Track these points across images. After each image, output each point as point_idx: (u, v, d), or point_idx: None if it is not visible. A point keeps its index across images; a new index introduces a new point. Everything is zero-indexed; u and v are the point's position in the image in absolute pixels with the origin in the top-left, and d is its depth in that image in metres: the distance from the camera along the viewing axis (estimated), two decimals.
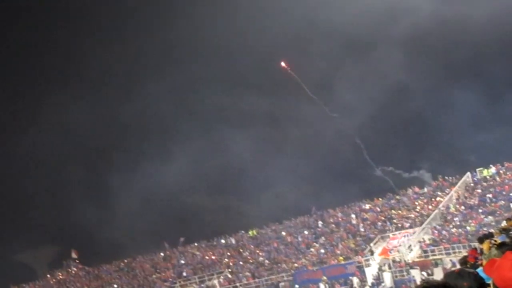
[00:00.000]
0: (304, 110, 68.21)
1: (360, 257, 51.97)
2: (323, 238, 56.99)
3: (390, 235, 53.31)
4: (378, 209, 57.15)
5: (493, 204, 50.58)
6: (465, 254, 17.23)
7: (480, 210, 50.48)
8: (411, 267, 48.19)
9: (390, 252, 50.71)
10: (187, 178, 68.16)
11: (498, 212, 48.80)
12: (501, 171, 53.95)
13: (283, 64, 64.22)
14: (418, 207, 54.99)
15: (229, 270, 58.21)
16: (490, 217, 48.67)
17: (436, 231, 50.40)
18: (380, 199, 58.26)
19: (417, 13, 61.10)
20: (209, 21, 70.04)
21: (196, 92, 72.69)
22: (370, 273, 50.22)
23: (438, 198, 54.64)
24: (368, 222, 56.24)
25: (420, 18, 61.03)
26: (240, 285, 55.76)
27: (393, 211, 55.99)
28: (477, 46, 60.96)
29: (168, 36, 71.30)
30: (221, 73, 70.99)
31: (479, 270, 5.23)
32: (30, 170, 72.95)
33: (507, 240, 10.94)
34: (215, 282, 57.31)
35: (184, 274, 60.30)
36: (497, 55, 62.64)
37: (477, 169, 55.03)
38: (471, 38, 59.65)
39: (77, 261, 67.77)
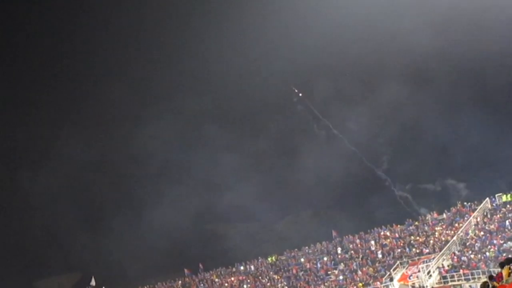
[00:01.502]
0: (322, 138, 68.86)
1: (379, 283, 52.05)
2: (342, 264, 57.13)
3: (409, 261, 53.42)
4: (397, 235, 57.25)
5: None
6: (484, 280, 17.60)
7: (499, 236, 50.52)
8: None
9: (410, 278, 50.72)
10: (207, 206, 68.80)
11: None
12: None
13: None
14: (437, 233, 55.06)
15: None
16: (510, 243, 48.67)
17: (455, 257, 50.42)
18: (399, 225, 58.33)
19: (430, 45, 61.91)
20: (216, 59, 70.85)
21: (212, 126, 73.48)
22: None
23: (457, 224, 54.72)
24: (387, 248, 56.34)
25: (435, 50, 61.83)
26: None
27: (412, 237, 56.09)
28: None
29: (172, 74, 72.41)
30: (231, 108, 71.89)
31: None
32: (57, 204, 74.15)
33: None
34: None
35: None
36: None
37: (497, 195, 55.10)
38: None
39: None
